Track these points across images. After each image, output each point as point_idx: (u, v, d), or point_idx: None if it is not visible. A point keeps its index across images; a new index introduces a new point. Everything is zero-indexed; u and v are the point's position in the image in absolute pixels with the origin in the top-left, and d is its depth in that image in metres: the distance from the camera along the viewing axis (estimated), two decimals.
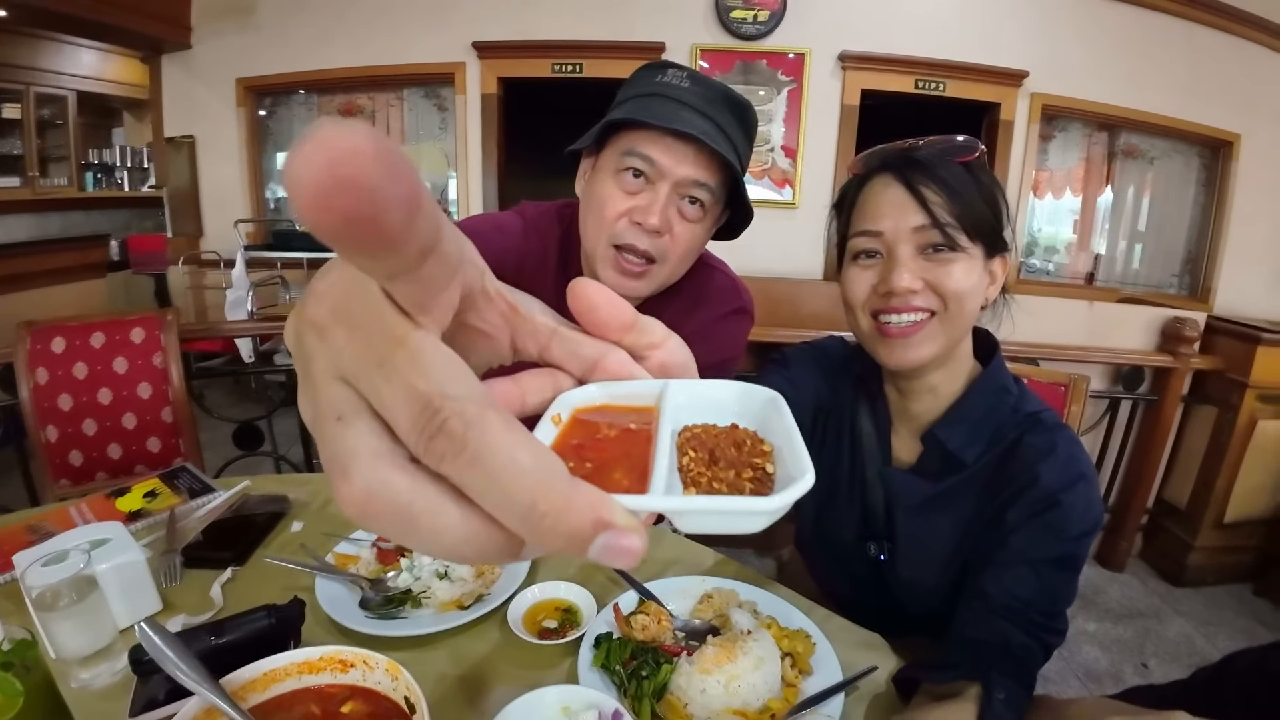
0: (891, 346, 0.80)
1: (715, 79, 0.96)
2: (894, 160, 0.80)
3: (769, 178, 3.37)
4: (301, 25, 3.51)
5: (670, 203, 0.92)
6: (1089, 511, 0.75)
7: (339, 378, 0.20)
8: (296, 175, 0.15)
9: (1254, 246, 3.74)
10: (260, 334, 2.74)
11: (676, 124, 0.87)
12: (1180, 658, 2.38)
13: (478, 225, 1.04)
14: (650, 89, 0.93)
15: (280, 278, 3.36)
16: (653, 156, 0.89)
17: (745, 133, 0.97)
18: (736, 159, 0.93)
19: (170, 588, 0.84)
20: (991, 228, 0.78)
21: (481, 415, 0.18)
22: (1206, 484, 2.87)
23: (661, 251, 0.93)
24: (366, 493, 0.18)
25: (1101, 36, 3.35)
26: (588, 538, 0.18)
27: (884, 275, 0.78)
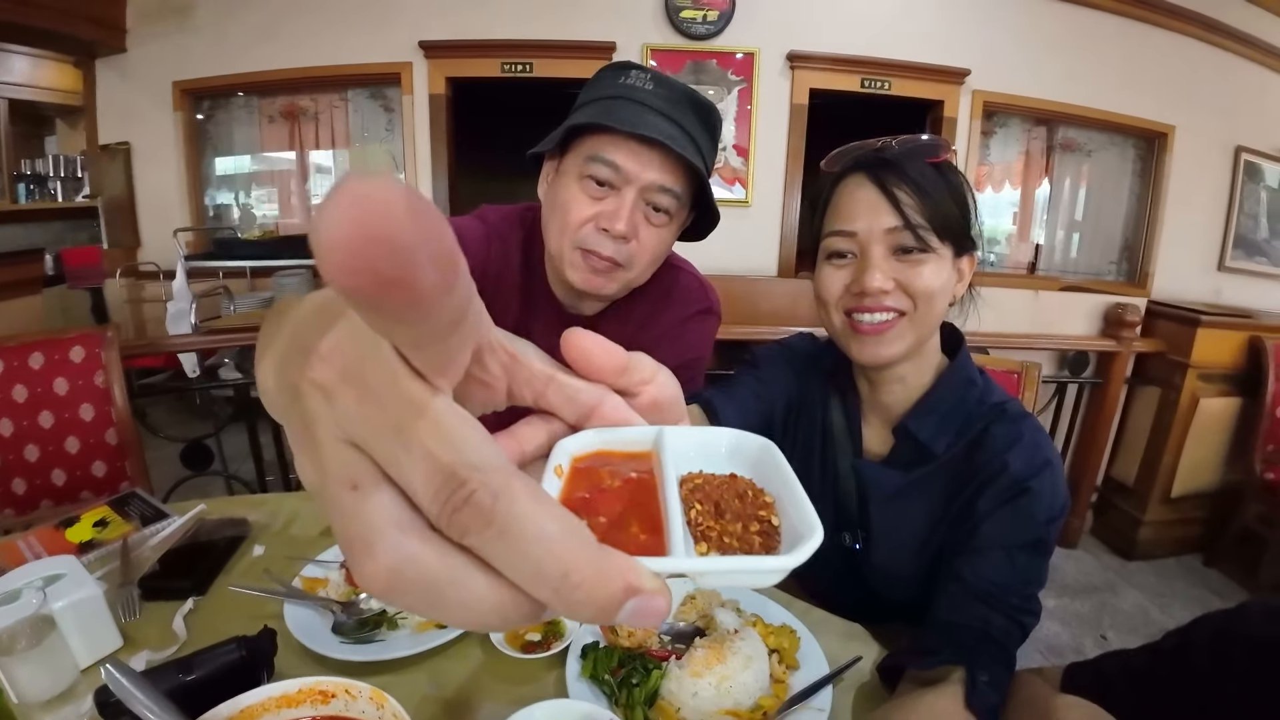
0: (864, 343, 0.82)
1: (679, 81, 0.94)
2: (867, 161, 0.81)
3: (720, 176, 3.40)
4: (240, 25, 3.38)
5: (636, 208, 0.91)
6: (1056, 497, 0.77)
7: (349, 442, 0.19)
8: (325, 233, 0.14)
9: (1189, 233, 3.94)
10: (204, 348, 2.64)
11: (641, 129, 0.85)
12: (1137, 628, 2.49)
13: None
14: (613, 91, 0.91)
15: (224, 288, 3.23)
16: (618, 162, 0.88)
17: (710, 135, 0.96)
18: (702, 162, 0.92)
19: (129, 622, 0.79)
20: (960, 227, 0.81)
21: (508, 486, 0.18)
22: (1152, 461, 3.01)
23: (628, 257, 0.92)
24: (393, 569, 0.18)
25: (1039, 34, 3.47)
26: (619, 604, 0.18)
27: (857, 275, 0.80)
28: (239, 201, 3.99)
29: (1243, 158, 3.94)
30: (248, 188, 4.00)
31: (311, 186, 3.99)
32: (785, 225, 3.50)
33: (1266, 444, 2.84)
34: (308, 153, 3.87)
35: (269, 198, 4.04)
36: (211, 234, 3.73)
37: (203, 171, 3.76)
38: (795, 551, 0.21)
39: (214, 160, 3.83)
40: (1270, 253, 4.30)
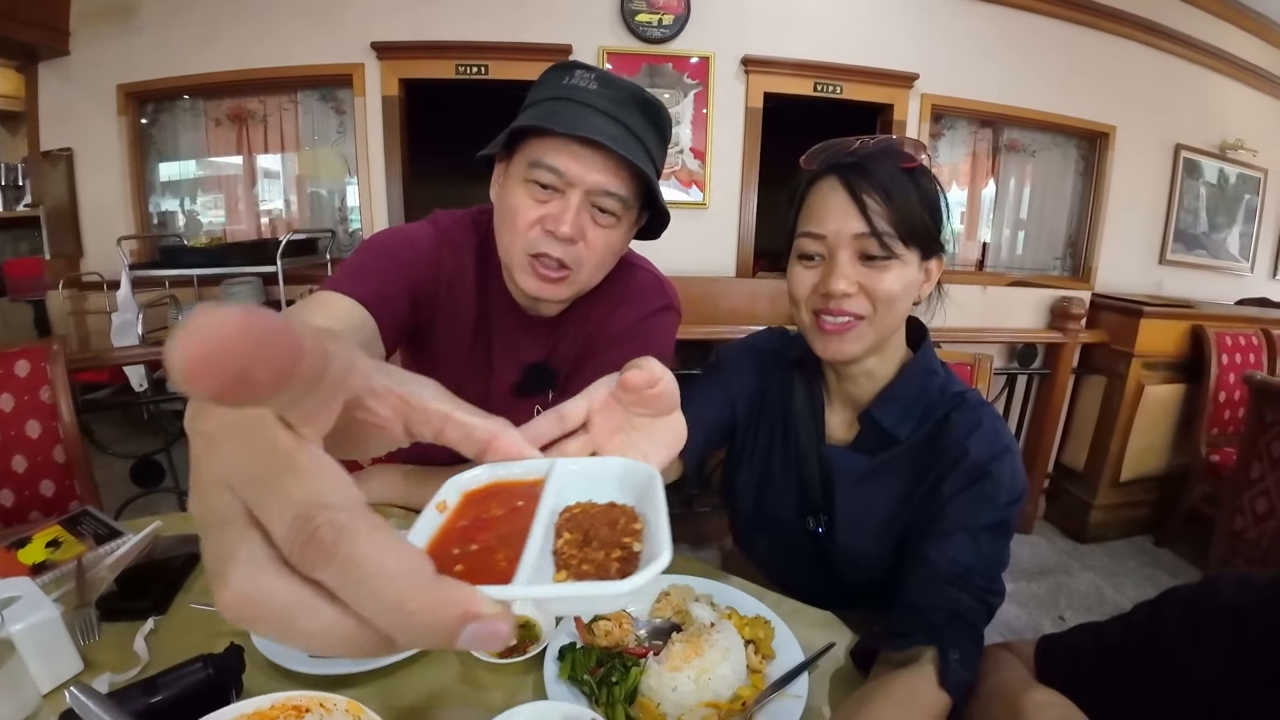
0: (827, 341, 0.85)
1: (625, 79, 0.93)
2: (840, 165, 0.84)
3: (676, 179, 3.43)
4: (186, 25, 3.27)
5: (582, 210, 0.89)
6: (1015, 480, 0.81)
7: (226, 485, 0.22)
8: (174, 357, 0.17)
9: (1131, 228, 4.11)
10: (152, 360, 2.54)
11: (582, 130, 0.84)
12: (1093, 608, 2.59)
13: (391, 244, 0.98)
14: (557, 92, 0.90)
15: (171, 297, 3.13)
16: (559, 167, 0.87)
17: (658, 134, 0.94)
18: (650, 162, 0.91)
19: (89, 644, 0.76)
20: (928, 232, 0.84)
21: (352, 525, 0.20)
22: (1101, 447, 3.13)
23: (576, 259, 0.92)
24: (241, 597, 0.20)
25: (983, 39, 3.59)
26: (456, 630, 0.20)
27: (823, 278, 0.83)
28: (184, 208, 3.86)
29: (1182, 155, 4.14)
30: (193, 194, 3.86)
31: (260, 191, 3.88)
32: (742, 226, 3.54)
33: (1210, 428, 2.98)
34: (255, 157, 3.76)
35: (215, 204, 3.91)
36: (157, 241, 3.60)
37: (147, 177, 3.63)
38: (636, 576, 0.23)
39: (158, 166, 3.70)
40: (1209, 246, 4.52)
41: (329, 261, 3.41)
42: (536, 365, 1.07)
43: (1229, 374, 2.98)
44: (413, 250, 0.98)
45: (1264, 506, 2.29)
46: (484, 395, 1.09)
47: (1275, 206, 4.83)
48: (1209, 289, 4.45)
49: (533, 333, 1.06)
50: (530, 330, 1.06)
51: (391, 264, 0.95)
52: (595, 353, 1.05)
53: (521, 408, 1.09)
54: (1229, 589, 0.63)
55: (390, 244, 0.98)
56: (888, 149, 0.83)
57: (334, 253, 3.53)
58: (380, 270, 0.93)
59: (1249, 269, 4.82)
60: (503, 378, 1.08)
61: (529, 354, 1.07)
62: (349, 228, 3.82)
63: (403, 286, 0.95)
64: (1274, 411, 2.31)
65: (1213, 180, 4.39)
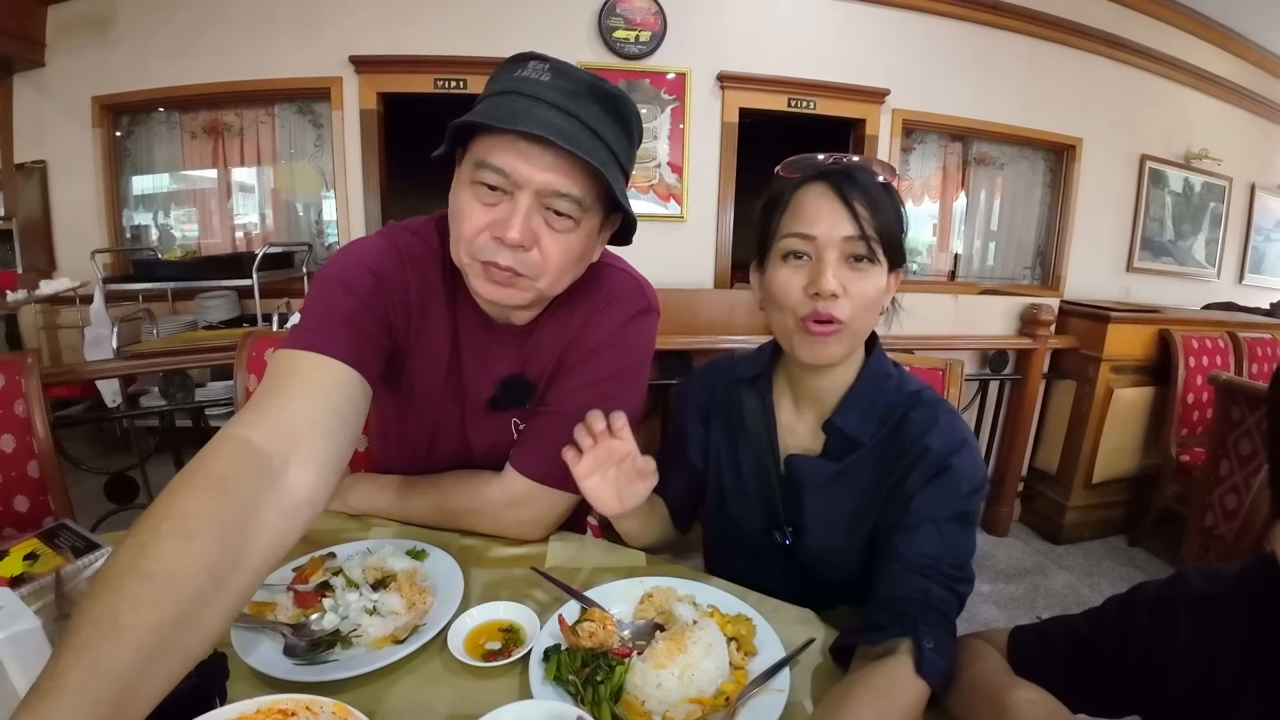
0: (813, 344, 0.87)
1: (585, 71, 0.84)
2: (830, 172, 0.87)
3: (654, 192, 3.47)
4: (163, 37, 3.27)
5: (532, 213, 0.82)
6: (975, 471, 0.85)
7: None
8: None
9: (1098, 237, 4.23)
10: (127, 373, 2.51)
11: (525, 125, 0.76)
12: (1070, 608, 2.59)
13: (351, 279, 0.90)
14: (507, 85, 0.82)
15: (145, 311, 3.09)
16: (504, 166, 0.80)
17: (622, 128, 0.86)
18: (610, 156, 0.84)
19: None
20: (899, 245, 0.88)
21: None
22: (1073, 450, 3.20)
23: (530, 267, 0.85)
24: None
25: (953, 55, 3.69)
26: None
27: (813, 277, 0.85)
28: (157, 221, 3.82)
29: (1147, 165, 4.27)
30: (167, 207, 3.83)
31: (235, 205, 3.85)
32: (719, 239, 3.59)
33: (1180, 429, 3.06)
34: (231, 170, 3.74)
35: (189, 217, 3.88)
36: (130, 255, 3.56)
37: (121, 190, 3.59)
38: None
39: (132, 179, 3.66)
40: (1176, 253, 4.66)
41: (305, 275, 3.39)
42: (512, 379, 1.04)
43: (1196, 376, 3.06)
44: (377, 280, 0.91)
45: (1234, 503, 2.36)
46: (459, 412, 1.07)
47: (1240, 213, 5.00)
48: (1176, 295, 4.58)
49: (506, 344, 1.03)
50: (503, 342, 1.02)
51: (358, 304, 0.88)
52: (574, 362, 1.02)
53: (497, 422, 1.08)
54: (1199, 581, 0.65)
55: (351, 279, 0.90)
56: (867, 165, 0.88)
57: (310, 266, 3.52)
58: (349, 315, 0.86)
59: (1215, 274, 4.98)
60: (477, 392, 1.05)
61: (504, 367, 1.04)
62: (325, 241, 3.80)
63: (377, 326, 0.90)
64: (1240, 410, 2.38)
65: (1178, 189, 4.54)
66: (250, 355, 1.59)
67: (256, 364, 1.59)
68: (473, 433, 1.10)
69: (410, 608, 0.85)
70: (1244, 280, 5.20)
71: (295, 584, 0.89)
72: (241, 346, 1.60)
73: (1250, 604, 0.60)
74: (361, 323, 0.87)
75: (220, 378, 3.02)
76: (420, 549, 0.98)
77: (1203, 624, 0.62)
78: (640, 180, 3.45)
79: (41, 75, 3.37)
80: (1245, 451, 2.34)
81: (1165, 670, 0.64)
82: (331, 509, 1.13)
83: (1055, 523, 3.27)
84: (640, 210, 3.45)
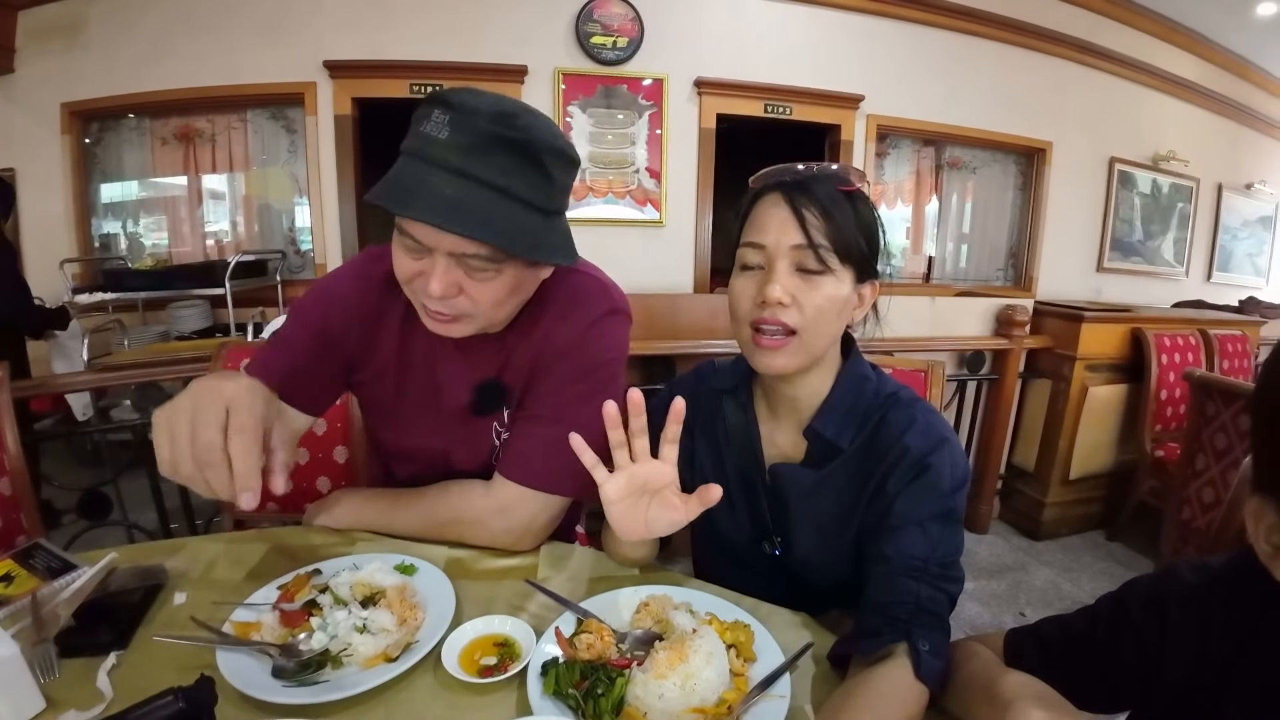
0: (762, 355, 0.88)
1: (489, 106, 0.79)
2: (784, 182, 0.87)
3: (631, 197, 3.47)
4: (133, 42, 3.19)
5: (451, 268, 0.84)
6: (955, 468, 0.85)
7: None
8: None
9: (1069, 239, 4.31)
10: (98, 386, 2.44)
11: (416, 208, 0.77)
12: (1051, 602, 2.68)
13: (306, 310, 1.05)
14: (410, 143, 0.82)
15: (116, 321, 3.01)
16: (414, 234, 0.82)
17: (534, 167, 0.82)
18: (518, 205, 0.82)
19: (49, 682, 0.72)
20: (863, 255, 0.87)
21: None
22: (1050, 447, 3.26)
23: (461, 310, 0.88)
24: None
25: (926, 61, 3.75)
26: None
27: (759, 286, 0.86)
28: (127, 230, 3.73)
29: (1116, 167, 4.36)
30: (136, 215, 3.75)
31: (206, 212, 3.78)
32: (699, 244, 3.60)
33: (1154, 424, 3.13)
34: (202, 177, 3.66)
35: (159, 225, 3.80)
36: (100, 265, 3.47)
37: (90, 198, 3.50)
38: None
39: (100, 187, 3.57)
40: (1145, 253, 4.76)
41: (279, 283, 3.33)
42: (488, 383, 1.05)
43: (1169, 373, 3.14)
44: (327, 306, 1.03)
45: (1210, 496, 2.41)
46: (438, 419, 1.08)
47: (1207, 213, 5.13)
48: (1146, 294, 4.68)
49: (480, 351, 1.04)
50: (477, 349, 1.03)
51: (305, 334, 1.02)
52: (546, 366, 1.03)
53: (477, 425, 1.09)
54: (1189, 574, 0.66)
55: (310, 311, 1.03)
56: (830, 173, 0.87)
57: (284, 274, 3.46)
58: (300, 348, 1.02)
59: (1184, 273, 5.09)
60: (454, 399, 1.06)
61: (480, 372, 1.05)
62: (299, 248, 3.74)
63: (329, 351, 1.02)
64: (1215, 406, 2.44)
65: (1146, 191, 4.64)
66: (224, 366, 1.55)
67: None
68: (455, 440, 1.10)
69: (401, 624, 0.83)
70: (1212, 279, 5.32)
71: (281, 603, 0.86)
72: (216, 358, 1.57)
73: (1237, 595, 0.62)
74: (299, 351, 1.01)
75: None
76: (409, 563, 0.96)
77: (1192, 616, 0.63)
78: (618, 185, 3.45)
79: (10, 81, 3.26)
80: (1221, 446, 2.40)
81: (1158, 663, 0.65)
82: (316, 524, 1.11)
83: (1034, 519, 3.33)
84: (618, 215, 3.46)
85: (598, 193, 3.44)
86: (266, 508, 1.55)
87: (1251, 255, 5.72)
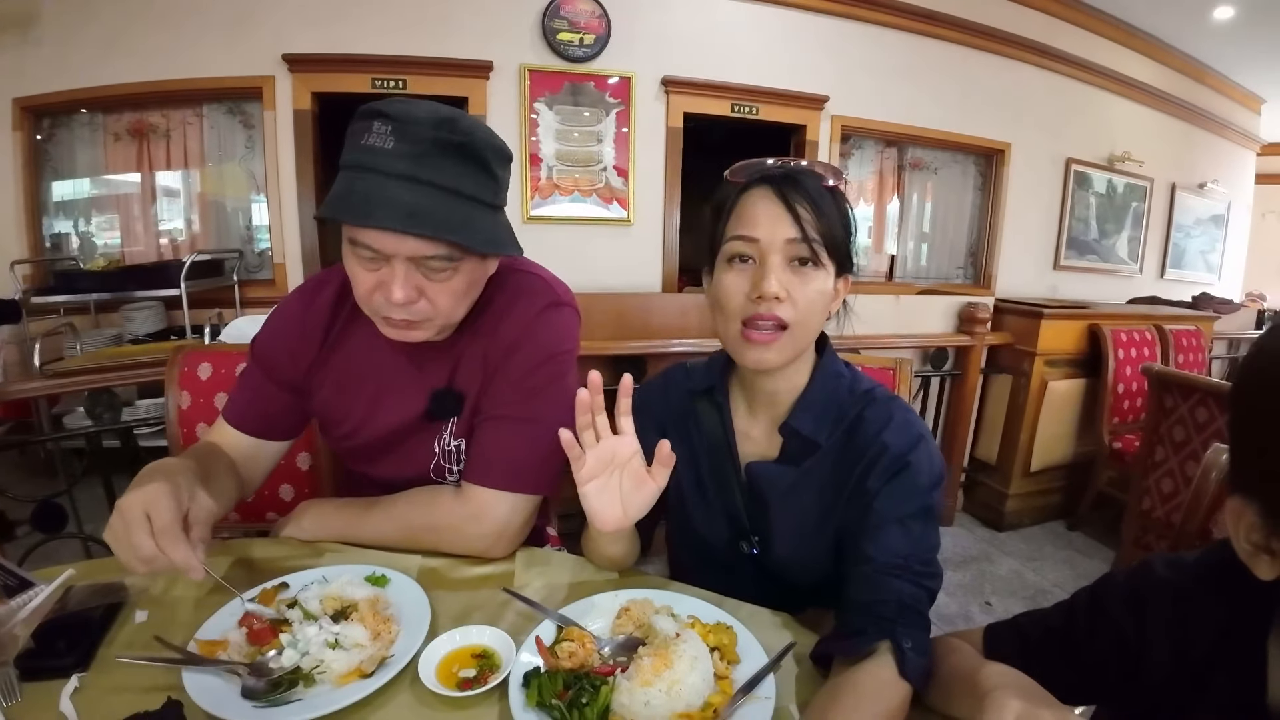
0: (753, 349, 0.87)
1: (427, 114, 0.83)
2: (774, 176, 0.87)
3: (598, 196, 3.45)
4: (86, 36, 3.06)
5: (411, 273, 0.86)
6: (933, 465, 0.86)
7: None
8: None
9: (1027, 237, 4.43)
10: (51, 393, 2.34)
11: (375, 216, 0.80)
12: (1016, 592, 2.75)
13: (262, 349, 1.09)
14: (354, 157, 0.83)
15: (68, 325, 2.89)
16: (371, 244, 0.84)
17: (480, 167, 0.87)
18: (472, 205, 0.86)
19: (11, 706, 0.68)
20: (844, 249, 0.89)
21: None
22: (1011, 440, 3.34)
23: (422, 315, 0.91)
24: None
25: (889, 64, 3.81)
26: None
27: (756, 281, 0.85)
28: (79, 229, 3.59)
29: (1073, 168, 4.49)
30: (88, 214, 3.60)
31: (160, 210, 3.65)
32: (667, 242, 3.60)
33: (1112, 417, 3.23)
34: (155, 174, 3.54)
35: (111, 224, 3.66)
36: (51, 266, 3.33)
37: (41, 197, 3.36)
38: None
39: (53, 185, 3.43)
40: (1100, 251, 4.91)
41: (236, 284, 3.24)
42: (441, 390, 1.06)
43: (1125, 367, 3.24)
44: (279, 339, 1.07)
45: (1170, 487, 2.50)
46: (397, 428, 1.08)
47: (1161, 212, 5.32)
48: (1101, 290, 4.83)
49: (431, 359, 1.05)
50: (427, 357, 1.05)
51: (261, 372, 1.08)
52: (496, 366, 1.04)
53: (433, 430, 1.09)
54: (1164, 570, 0.67)
55: (258, 349, 1.08)
56: (812, 169, 0.88)
57: (241, 274, 3.37)
58: (256, 388, 1.08)
59: (1138, 270, 5.27)
60: (411, 408, 1.07)
61: (432, 379, 1.06)
62: (256, 248, 3.64)
63: (282, 386, 1.07)
64: (1173, 399, 2.52)
65: (1102, 190, 4.79)
66: (182, 371, 1.50)
67: (189, 380, 1.50)
68: (414, 448, 1.10)
69: (375, 638, 0.80)
70: (1165, 275, 5.51)
71: (248, 619, 0.83)
72: (172, 362, 1.51)
73: (1213, 591, 0.63)
74: (260, 393, 1.08)
75: (149, 395, 2.85)
76: (380, 574, 0.94)
77: (1169, 612, 0.65)
78: (585, 184, 3.43)
79: None
80: (1179, 438, 2.48)
81: (1136, 658, 0.66)
82: (284, 535, 1.08)
83: (997, 511, 3.41)
84: (585, 214, 3.44)
85: (564, 191, 3.41)
86: (229, 518, 1.50)
87: (1204, 252, 5.94)
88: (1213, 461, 0.99)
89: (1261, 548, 0.52)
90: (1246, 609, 0.59)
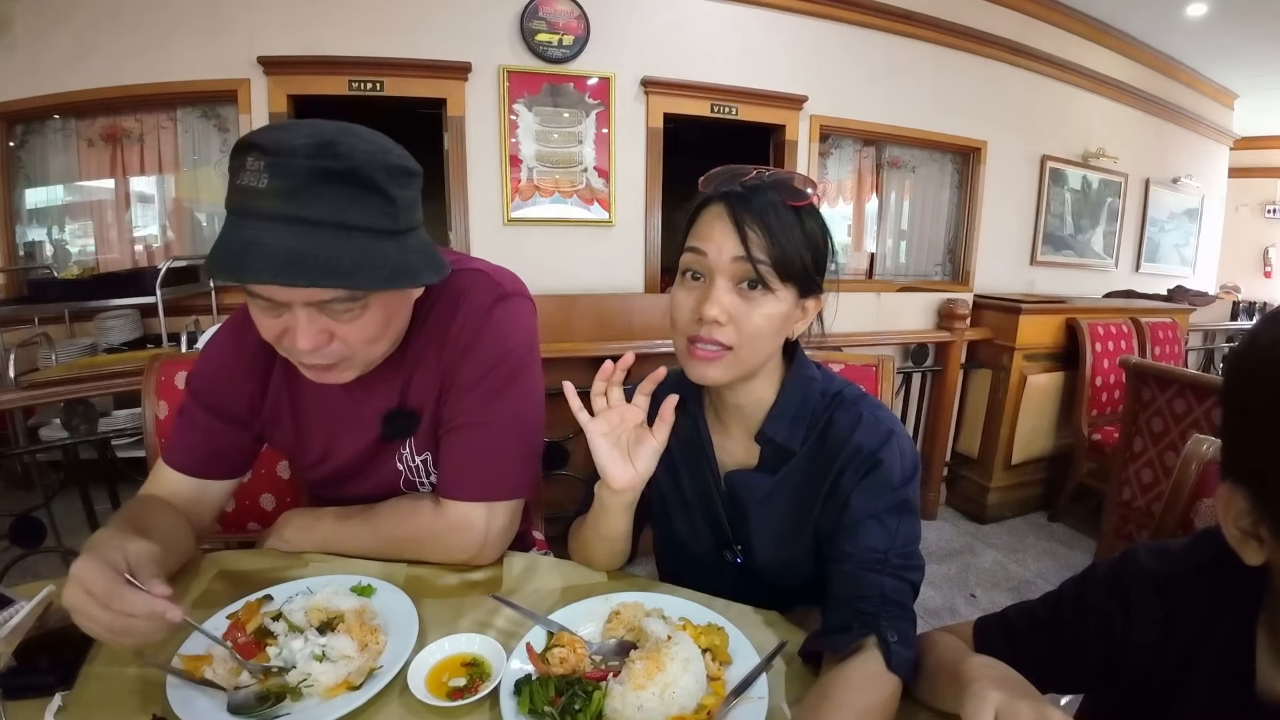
0: (697, 364, 0.87)
1: (304, 138, 0.74)
2: (728, 193, 0.85)
3: (579, 197, 3.44)
4: (59, 40, 2.98)
5: (315, 317, 0.80)
6: (905, 459, 0.86)
7: None
8: None
9: (1003, 234, 4.48)
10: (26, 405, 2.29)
11: (252, 271, 0.72)
12: (999, 583, 2.79)
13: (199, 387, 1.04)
14: (231, 201, 0.76)
15: (43, 335, 2.83)
16: (263, 294, 0.78)
17: (371, 190, 0.77)
18: (365, 236, 0.77)
19: None
20: (806, 271, 0.85)
21: None
22: (992, 434, 3.38)
23: (337, 356, 0.85)
24: None
25: (867, 63, 3.84)
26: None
27: (698, 303, 0.84)
28: (52, 237, 3.52)
29: (1048, 165, 4.55)
30: (62, 221, 3.53)
31: (134, 217, 3.59)
32: (648, 243, 3.60)
33: (1090, 409, 3.29)
34: (129, 179, 3.48)
35: (84, 231, 3.59)
36: (23, 275, 3.26)
37: (13, 204, 3.29)
38: None
39: (25, 192, 3.36)
40: (1076, 246, 4.98)
41: (213, 290, 3.19)
42: (393, 412, 1.02)
43: (1103, 360, 3.30)
44: (214, 377, 1.02)
45: (1149, 477, 2.54)
46: (357, 456, 1.06)
47: (1135, 207, 5.40)
48: (1077, 285, 4.90)
49: (379, 380, 1.00)
50: (375, 379, 0.99)
51: (201, 411, 1.02)
52: (452, 371, 0.99)
53: (393, 450, 1.06)
54: (1148, 559, 0.68)
55: (196, 387, 1.03)
56: (777, 183, 0.85)
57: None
58: (203, 426, 1.01)
59: (1114, 265, 5.35)
60: (365, 434, 1.03)
61: (383, 401, 1.02)
62: None
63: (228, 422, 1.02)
64: (1150, 391, 2.56)
65: (1077, 186, 4.86)
66: (159, 380, 1.48)
67: (167, 389, 1.47)
68: (378, 469, 1.08)
69: (363, 649, 0.79)
70: (1140, 269, 5.59)
71: (232, 633, 0.82)
72: (149, 371, 1.49)
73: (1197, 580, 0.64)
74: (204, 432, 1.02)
75: (125, 405, 2.81)
76: (366, 584, 0.92)
77: (1154, 601, 0.66)
78: (565, 185, 3.42)
79: None
80: (1158, 429, 2.52)
81: (1122, 647, 0.67)
82: (267, 546, 1.07)
83: (979, 504, 3.45)
84: (566, 215, 3.43)
85: (545, 192, 3.40)
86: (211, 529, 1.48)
87: (1178, 246, 6.03)
88: (1193, 452, 1.01)
89: (1250, 534, 0.53)
90: (1233, 596, 0.60)
